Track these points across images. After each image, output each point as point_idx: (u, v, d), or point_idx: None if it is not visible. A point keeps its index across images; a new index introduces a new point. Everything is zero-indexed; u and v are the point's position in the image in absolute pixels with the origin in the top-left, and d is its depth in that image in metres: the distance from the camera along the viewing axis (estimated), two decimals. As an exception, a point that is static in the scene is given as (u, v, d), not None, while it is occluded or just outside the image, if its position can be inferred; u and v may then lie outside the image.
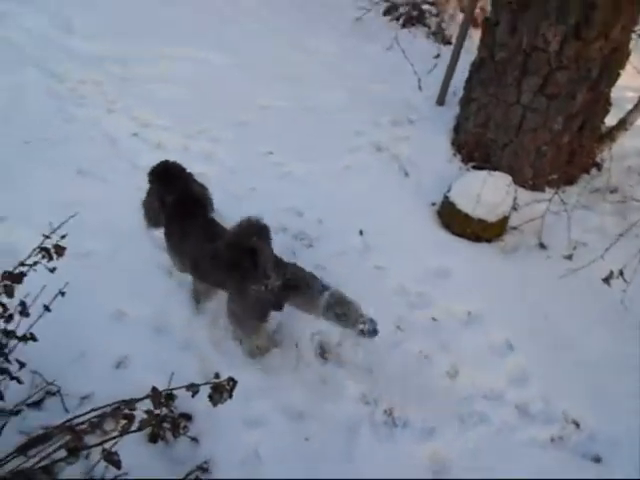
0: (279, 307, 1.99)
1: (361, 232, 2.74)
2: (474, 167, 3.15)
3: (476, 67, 3.10)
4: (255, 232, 1.88)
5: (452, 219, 2.82)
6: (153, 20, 4.56)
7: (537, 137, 2.89)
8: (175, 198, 2.15)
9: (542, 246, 2.78)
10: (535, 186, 3.03)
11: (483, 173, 2.77)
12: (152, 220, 2.29)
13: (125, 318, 2.34)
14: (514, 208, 2.81)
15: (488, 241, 2.82)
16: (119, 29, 4.40)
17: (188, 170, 2.25)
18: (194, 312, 2.36)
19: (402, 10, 4.94)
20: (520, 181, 2.95)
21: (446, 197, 2.83)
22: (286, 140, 3.35)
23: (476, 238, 2.80)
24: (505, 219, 2.79)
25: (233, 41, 4.35)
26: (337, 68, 4.09)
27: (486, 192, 2.69)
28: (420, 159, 3.28)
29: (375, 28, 4.68)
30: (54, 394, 1.99)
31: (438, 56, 3.58)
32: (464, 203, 2.75)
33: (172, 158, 2.90)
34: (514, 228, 2.86)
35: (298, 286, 1.95)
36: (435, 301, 2.50)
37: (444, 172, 3.16)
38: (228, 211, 2.81)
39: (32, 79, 3.77)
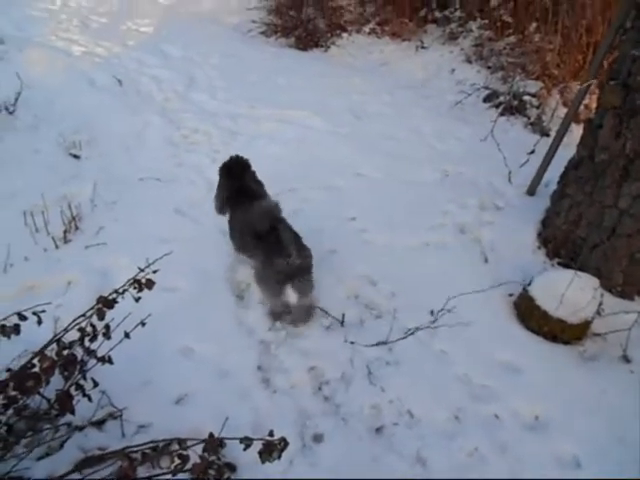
0: (292, 280, 2.39)
1: (432, 313, 2.71)
2: (559, 264, 3.04)
3: (574, 164, 3.06)
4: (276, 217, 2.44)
5: (529, 314, 2.71)
6: (266, 85, 5.01)
7: (632, 243, 2.75)
8: (234, 190, 2.72)
9: (626, 359, 2.58)
10: (624, 293, 2.85)
11: (569, 272, 2.66)
12: (218, 208, 2.84)
13: (192, 355, 2.45)
14: (598, 313, 2.65)
15: (566, 343, 2.66)
16: (235, 90, 4.88)
17: (252, 168, 2.87)
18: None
19: (502, 99, 5.02)
20: (608, 286, 2.79)
21: (525, 290, 2.74)
22: (372, 209, 3.45)
23: (553, 338, 2.66)
24: (587, 323, 2.64)
25: (338, 111, 4.64)
26: (432, 148, 4.20)
27: (570, 292, 2.57)
28: (502, 246, 3.22)
29: (473, 113, 4.79)
30: (116, 417, 2.11)
31: (532, 152, 3.57)
32: (544, 300, 2.64)
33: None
34: (597, 335, 2.69)
35: (309, 270, 2.43)
36: (500, 397, 2.37)
37: (526, 264, 3.08)
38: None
39: (155, 124, 4.24)
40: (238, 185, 2.73)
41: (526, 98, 4.93)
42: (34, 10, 7.28)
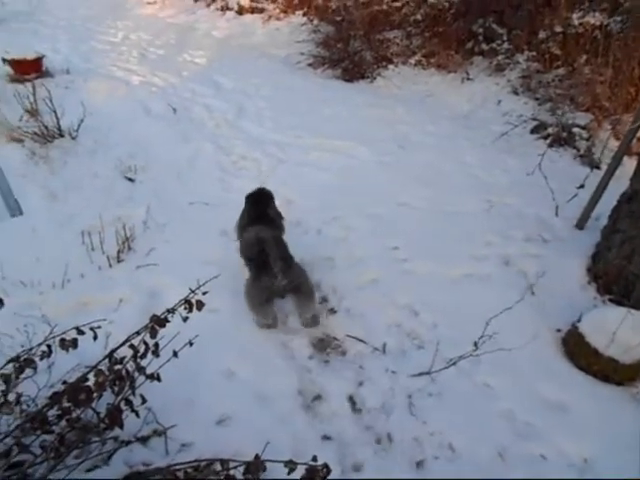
0: (282, 296, 2.71)
1: (475, 344, 2.65)
2: (611, 300, 2.93)
3: (627, 198, 2.98)
4: (266, 240, 2.56)
5: (579, 351, 2.62)
6: (313, 115, 5.15)
7: (690, 282, 2.64)
8: (253, 218, 2.89)
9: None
10: (682, 335, 2.71)
11: (622, 310, 2.56)
12: (238, 233, 2.99)
13: (234, 377, 2.49)
14: (654, 354, 2.54)
15: (618, 384, 2.54)
16: (282, 119, 5.03)
17: (274, 199, 3.06)
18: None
19: (551, 130, 4.95)
20: (664, 326, 2.67)
21: (575, 327, 2.66)
22: (415, 238, 3.45)
23: (604, 378, 2.55)
24: (641, 365, 2.53)
25: (382, 141, 4.70)
26: (477, 179, 4.18)
27: (623, 330, 2.48)
28: (550, 280, 3.13)
29: (520, 144, 4.74)
30: (160, 435, 2.16)
31: (582, 186, 3.48)
32: (595, 337, 2.55)
33: (306, 237, 3.18)
34: (651, 377, 2.56)
35: (299, 288, 2.61)
36: (546, 436, 2.29)
37: (575, 299, 2.99)
38: (350, 299, 2.94)
39: (205, 150, 4.42)
40: (257, 214, 2.91)
41: (575, 130, 4.85)
42: (99, 43, 7.80)
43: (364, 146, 4.57)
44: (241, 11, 9.18)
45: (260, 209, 2.94)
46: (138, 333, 1.86)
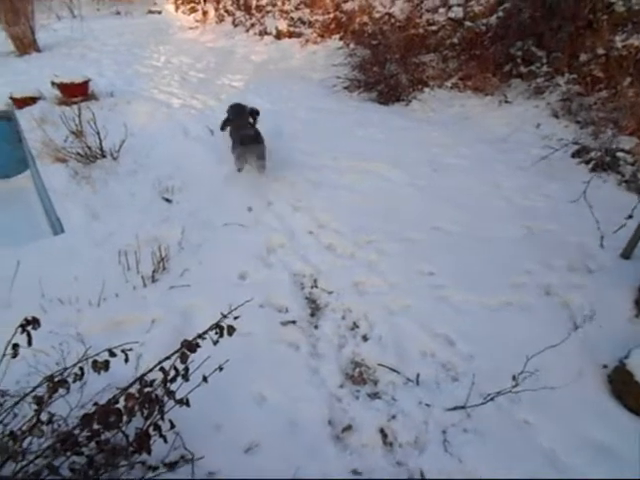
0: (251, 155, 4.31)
1: (514, 378, 2.53)
2: (661, 336, 2.77)
3: (677, 228, 2.83)
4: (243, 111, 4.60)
5: (627, 390, 2.46)
6: (349, 137, 5.16)
7: None
8: (234, 118, 4.59)
9: None
10: None
11: (673, 346, 2.42)
12: (221, 127, 4.70)
13: (264, 403, 2.45)
14: None
15: (671, 427, 2.38)
16: (318, 141, 5.04)
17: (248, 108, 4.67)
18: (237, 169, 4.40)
19: (593, 154, 4.79)
20: None
21: (622, 363, 2.51)
22: (450, 264, 3.36)
23: (655, 420, 2.39)
24: (697, 407, 2.35)
25: (417, 164, 4.65)
26: (515, 203, 4.06)
27: (675, 369, 2.33)
28: (595, 313, 2.98)
29: (561, 169, 4.60)
30: (187, 461, 2.13)
31: (631, 217, 3.32)
32: (644, 375, 2.40)
33: (339, 261, 3.15)
34: None
35: (261, 155, 4.28)
36: (592, 481, 2.15)
37: (622, 333, 2.83)
38: (383, 326, 2.88)
39: (242, 173, 4.45)
40: (236, 118, 4.58)
41: (620, 154, 4.67)
42: (142, 67, 8.09)
43: (399, 169, 4.52)
44: (279, 36, 9.38)
45: (240, 112, 4.62)
46: (169, 358, 1.85)
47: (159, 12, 12.81)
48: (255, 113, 4.65)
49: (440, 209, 3.96)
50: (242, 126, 4.39)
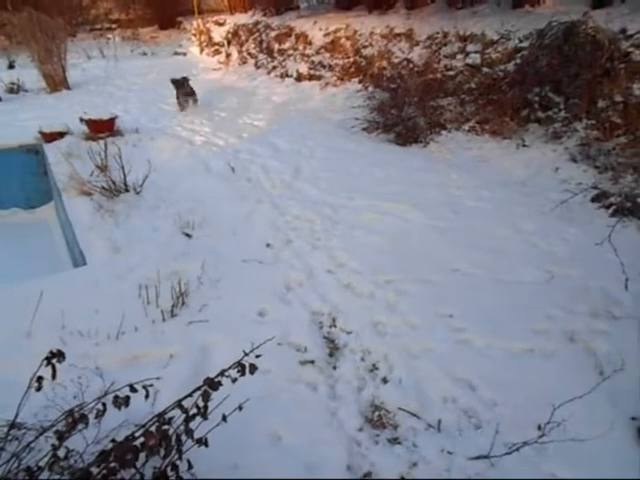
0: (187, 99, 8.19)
1: (540, 427, 2.45)
2: (692, 387, 2.67)
3: None
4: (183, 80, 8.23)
5: (658, 444, 2.37)
6: (366, 178, 5.22)
7: None
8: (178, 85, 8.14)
9: None
10: None
11: None
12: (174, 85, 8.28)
13: (281, 444, 2.39)
14: None
15: None
16: (337, 181, 5.12)
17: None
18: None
19: (613, 199, 4.78)
20: None
21: (652, 416, 2.42)
22: (470, 306, 3.32)
23: (689, 477, 2.28)
24: None
25: (435, 205, 4.67)
26: (535, 247, 4.03)
27: None
28: (622, 360, 2.90)
29: (580, 213, 4.58)
30: (203, 503, 2.07)
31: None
32: (676, 429, 2.31)
33: (358, 300, 3.13)
34: None
35: (195, 99, 8.22)
36: None
37: (650, 383, 2.74)
38: (402, 368, 2.83)
39: (261, 209, 4.53)
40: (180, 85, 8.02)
41: (640, 200, 4.65)
42: (166, 105, 8.36)
43: (417, 210, 4.54)
44: (300, 78, 9.67)
45: (181, 81, 7.98)
46: (190, 395, 1.83)
47: (184, 54, 13.32)
48: (187, 80, 8.21)
49: (460, 251, 3.95)
50: (183, 87, 8.10)
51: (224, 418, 1.97)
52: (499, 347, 3.02)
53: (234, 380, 2.01)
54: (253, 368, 1.93)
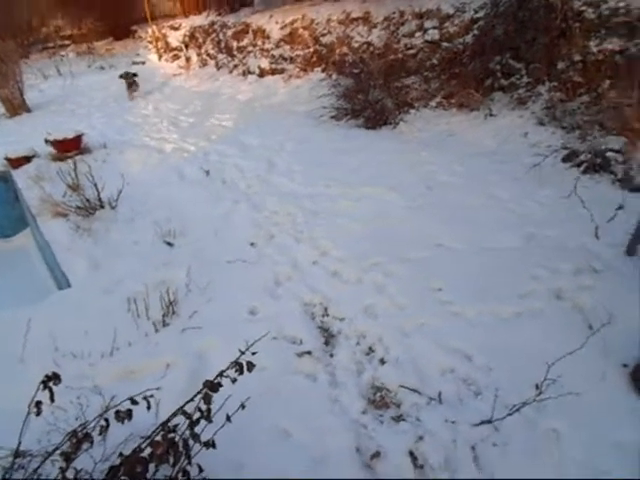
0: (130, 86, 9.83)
1: (537, 386, 2.51)
2: (677, 328, 2.76)
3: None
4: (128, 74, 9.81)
5: (650, 387, 2.45)
6: (340, 165, 5.24)
7: None
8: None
9: None
10: None
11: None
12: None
13: (288, 438, 2.41)
14: None
15: (700, 420, 2.36)
16: (312, 171, 5.12)
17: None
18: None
19: (583, 157, 4.87)
20: None
21: (642, 360, 2.50)
22: (457, 278, 3.37)
23: (683, 414, 2.37)
24: None
25: (411, 184, 4.71)
26: (513, 213, 4.10)
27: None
28: (608, 313, 2.98)
29: (552, 174, 4.67)
30: (215, 504, 2.08)
31: (621, 207, 3.40)
32: (666, 370, 2.40)
33: (347, 287, 3.16)
34: None
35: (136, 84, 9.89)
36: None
37: (637, 329, 2.82)
38: (398, 347, 2.87)
39: (240, 209, 4.52)
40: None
41: (610, 155, 4.75)
42: (131, 117, 8.25)
43: (394, 191, 4.58)
44: (262, 74, 9.61)
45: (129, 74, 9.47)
46: (192, 400, 1.84)
47: (143, 63, 13.11)
48: (134, 75, 9.68)
49: (440, 226, 4.00)
50: (130, 77, 9.48)
51: (228, 418, 1.98)
52: (489, 314, 3.08)
53: (234, 380, 2.02)
54: (250, 366, 1.94)
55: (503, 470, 2.18)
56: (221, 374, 1.88)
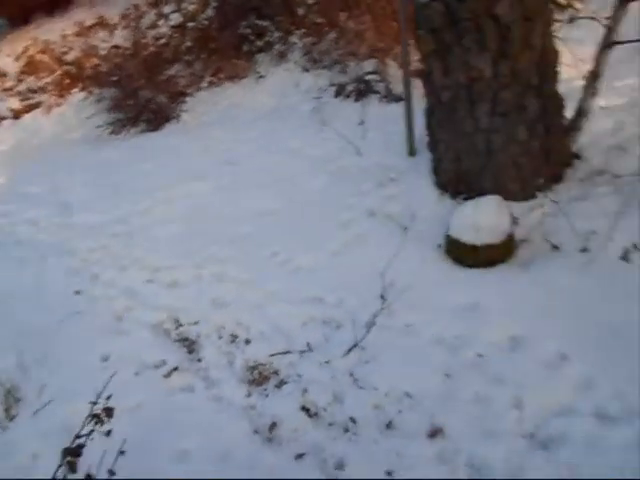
0: None
1: (382, 296, 2.75)
2: (464, 199, 3.24)
3: (429, 112, 3.31)
4: None
5: (461, 254, 2.87)
6: (137, 178, 4.98)
7: (509, 152, 3.01)
8: None
9: (555, 248, 2.79)
10: (526, 196, 3.09)
11: (472, 202, 2.87)
12: None
13: (190, 455, 2.34)
14: (515, 223, 2.87)
15: (503, 262, 2.84)
16: (110, 196, 4.79)
17: None
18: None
19: (351, 88, 5.31)
20: (510, 197, 3.01)
21: (448, 236, 2.91)
22: (287, 238, 3.51)
23: (491, 263, 2.83)
24: (511, 237, 2.84)
25: (214, 167, 4.70)
26: (309, 158, 4.35)
27: (483, 218, 2.78)
28: (413, 210, 3.38)
29: (331, 111, 5.02)
30: None
31: (362, 123, 3.90)
32: (467, 235, 2.82)
33: (188, 290, 3.10)
34: (523, 241, 2.89)
35: None
36: (474, 337, 2.49)
37: (439, 214, 3.25)
38: (257, 324, 2.92)
39: (50, 263, 4.07)
40: None
41: (369, 77, 5.25)
42: None
43: (200, 181, 4.52)
44: (17, 115, 8.54)
45: None
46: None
47: None
48: None
49: (255, 194, 4.09)
50: None
51: (111, 473, 1.86)
52: (325, 255, 3.30)
53: (108, 433, 1.91)
54: (109, 411, 1.83)
55: (381, 381, 2.40)
56: (78, 435, 1.74)
